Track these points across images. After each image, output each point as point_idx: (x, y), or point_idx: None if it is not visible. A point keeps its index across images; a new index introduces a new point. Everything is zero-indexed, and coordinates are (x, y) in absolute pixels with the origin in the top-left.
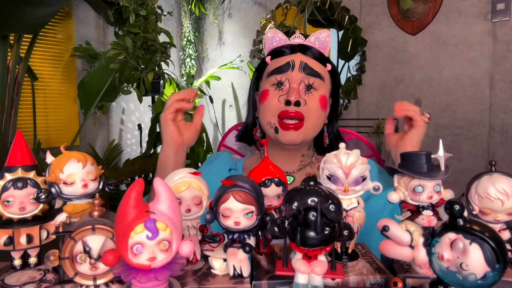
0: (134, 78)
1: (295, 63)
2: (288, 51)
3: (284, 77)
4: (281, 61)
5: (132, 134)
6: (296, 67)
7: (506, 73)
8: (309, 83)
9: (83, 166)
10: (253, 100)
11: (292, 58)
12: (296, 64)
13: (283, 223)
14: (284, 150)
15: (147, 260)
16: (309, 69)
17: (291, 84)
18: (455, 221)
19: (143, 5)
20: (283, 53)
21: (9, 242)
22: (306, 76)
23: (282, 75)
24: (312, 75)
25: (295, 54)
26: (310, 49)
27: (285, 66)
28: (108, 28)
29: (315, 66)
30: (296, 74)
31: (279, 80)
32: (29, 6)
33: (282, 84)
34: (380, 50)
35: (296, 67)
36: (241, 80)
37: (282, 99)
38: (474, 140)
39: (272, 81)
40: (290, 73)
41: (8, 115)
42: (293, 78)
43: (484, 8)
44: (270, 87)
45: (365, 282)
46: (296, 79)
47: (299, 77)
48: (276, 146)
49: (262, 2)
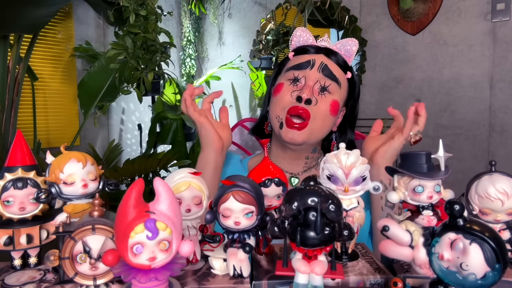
0: (134, 78)
1: (316, 62)
2: (313, 50)
3: (302, 74)
4: (302, 59)
5: (132, 134)
6: (316, 66)
7: (506, 73)
8: (325, 85)
9: (83, 166)
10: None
11: (314, 58)
12: (316, 63)
13: (283, 223)
14: (288, 150)
15: (147, 260)
16: (328, 71)
17: (307, 82)
18: (455, 221)
19: (143, 5)
20: (307, 52)
21: (9, 242)
22: (323, 77)
23: (300, 71)
24: (330, 77)
25: (318, 54)
26: (334, 53)
27: (305, 64)
28: (108, 28)
29: (335, 70)
30: (314, 73)
31: (296, 76)
32: (29, 6)
33: (297, 81)
34: (380, 50)
35: (316, 66)
36: (241, 80)
37: (294, 94)
38: (474, 140)
39: (289, 76)
40: (309, 71)
41: (8, 115)
42: (310, 76)
43: (484, 8)
44: (285, 81)
45: (365, 282)
46: (313, 78)
47: (316, 77)
48: (281, 146)
49: (262, 2)
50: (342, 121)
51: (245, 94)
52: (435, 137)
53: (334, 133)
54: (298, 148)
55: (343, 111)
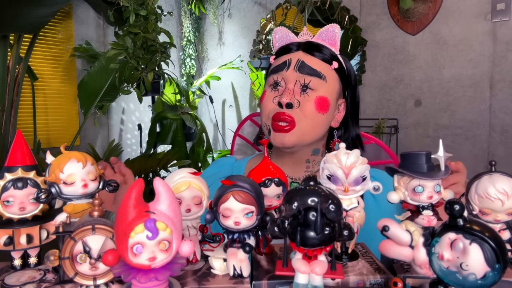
0: (134, 78)
1: (292, 62)
2: (294, 48)
3: (280, 76)
4: (280, 60)
5: (132, 134)
6: (292, 65)
7: (506, 73)
8: (304, 83)
9: (83, 166)
10: None
11: (290, 57)
12: (292, 63)
13: (283, 223)
14: (285, 155)
15: (147, 260)
16: (307, 67)
17: (287, 84)
18: (455, 221)
19: (143, 5)
20: (285, 52)
21: (9, 242)
22: (301, 75)
23: (278, 74)
24: (309, 74)
25: (296, 52)
26: (314, 46)
27: (281, 65)
28: (108, 28)
29: (315, 64)
30: (291, 73)
31: (275, 80)
32: (29, 6)
33: (278, 85)
34: (380, 50)
35: (292, 65)
36: (241, 80)
37: (276, 100)
38: (474, 140)
39: (269, 81)
40: (285, 72)
41: (8, 115)
42: (288, 77)
43: (484, 8)
44: (267, 87)
45: (365, 282)
46: (291, 79)
47: (294, 77)
48: (279, 152)
49: (262, 2)
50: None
51: (245, 94)
52: (435, 137)
53: (335, 129)
54: (293, 151)
55: (343, 103)
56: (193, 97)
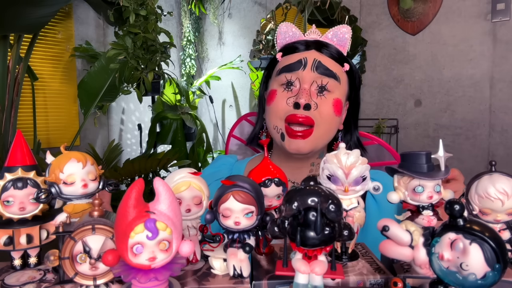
0: (134, 78)
1: (308, 61)
2: (302, 47)
3: (295, 76)
4: (293, 58)
5: (132, 134)
6: (309, 65)
7: (506, 73)
8: (322, 84)
9: (83, 166)
10: (262, 101)
11: (305, 56)
12: (308, 62)
13: (283, 223)
14: (291, 159)
15: (147, 260)
16: (324, 68)
17: (302, 85)
18: (455, 221)
19: (143, 5)
20: (296, 50)
21: (9, 242)
22: (319, 76)
23: (293, 73)
24: (327, 75)
25: (309, 51)
26: (326, 46)
27: (296, 64)
28: (108, 28)
29: (331, 65)
30: (308, 73)
31: (289, 80)
32: (29, 6)
33: (292, 84)
34: (380, 50)
35: (309, 65)
36: (241, 80)
37: (290, 101)
38: (474, 140)
39: (281, 80)
40: (302, 72)
41: (8, 115)
42: (305, 77)
43: (484, 8)
44: (278, 87)
45: (365, 282)
46: (307, 79)
47: (311, 77)
48: (283, 155)
49: (262, 2)
50: (346, 116)
51: (245, 94)
52: (435, 137)
53: (340, 131)
54: (303, 156)
55: (347, 105)
56: (193, 97)
